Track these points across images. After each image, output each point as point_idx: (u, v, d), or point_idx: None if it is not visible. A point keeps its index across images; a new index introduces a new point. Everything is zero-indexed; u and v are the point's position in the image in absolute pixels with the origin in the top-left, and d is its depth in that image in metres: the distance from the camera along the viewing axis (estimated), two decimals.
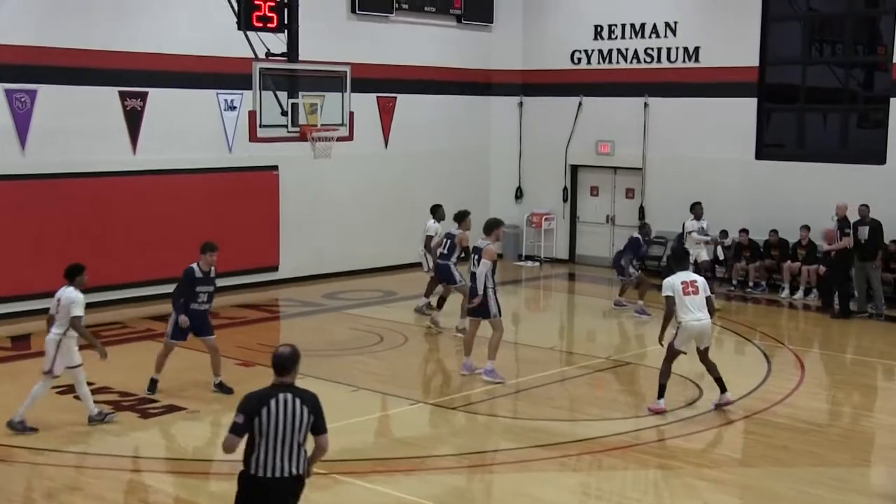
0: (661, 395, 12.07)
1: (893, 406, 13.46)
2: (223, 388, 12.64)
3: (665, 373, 12.05)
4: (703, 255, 18.60)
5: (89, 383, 11.63)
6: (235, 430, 6.82)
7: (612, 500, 9.90)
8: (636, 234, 18.54)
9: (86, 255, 16.97)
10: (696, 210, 18.73)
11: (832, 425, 12.22)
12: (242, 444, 6.90)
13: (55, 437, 11.06)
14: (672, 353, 12.06)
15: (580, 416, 12.49)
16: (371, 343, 15.66)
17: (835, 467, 10.61)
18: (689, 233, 18.64)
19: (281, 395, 6.87)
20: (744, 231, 20.40)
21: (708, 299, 12.02)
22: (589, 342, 16.96)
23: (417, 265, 18.35)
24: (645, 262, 19.18)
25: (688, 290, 11.87)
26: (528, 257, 23.89)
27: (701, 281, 12.16)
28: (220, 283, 18.93)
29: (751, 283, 20.31)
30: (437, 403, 12.68)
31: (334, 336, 16.03)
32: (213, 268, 12.85)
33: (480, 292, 13.21)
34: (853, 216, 17.84)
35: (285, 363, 7.00)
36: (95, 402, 11.67)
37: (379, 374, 13.89)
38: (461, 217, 16.42)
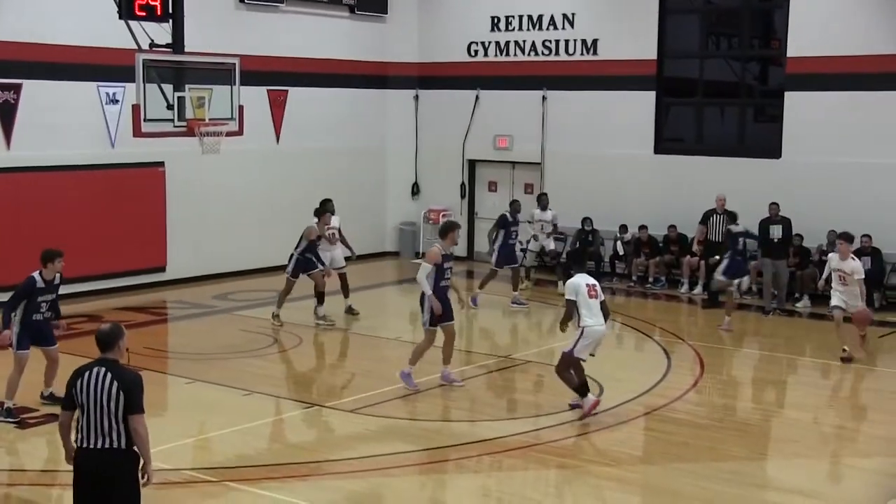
0: (585, 392, 12.08)
1: (791, 399, 13.85)
2: (54, 399, 12.07)
3: (570, 379, 12.10)
4: (551, 244, 20.31)
5: None
6: (62, 403, 7.47)
7: (513, 502, 10.02)
8: (505, 211, 19.09)
9: None
10: (542, 201, 20.40)
11: (730, 420, 12.53)
12: None
13: None
14: (569, 362, 12.03)
15: (479, 416, 12.60)
16: (264, 345, 15.58)
17: (734, 461, 10.90)
18: (531, 223, 20.22)
19: (95, 369, 7.27)
20: (643, 227, 20.81)
21: (603, 304, 12.14)
22: (485, 340, 17.12)
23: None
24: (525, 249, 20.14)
25: (592, 294, 11.96)
26: (423, 254, 23.88)
27: (598, 285, 12.27)
28: (106, 284, 18.93)
29: (650, 279, 20.74)
30: (332, 406, 12.67)
31: (226, 338, 15.90)
32: (58, 275, 12.27)
33: (429, 294, 13.05)
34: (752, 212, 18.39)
35: (104, 339, 7.38)
36: None
37: (272, 377, 13.85)
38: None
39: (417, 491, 10.21)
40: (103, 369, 7.23)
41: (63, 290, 17.61)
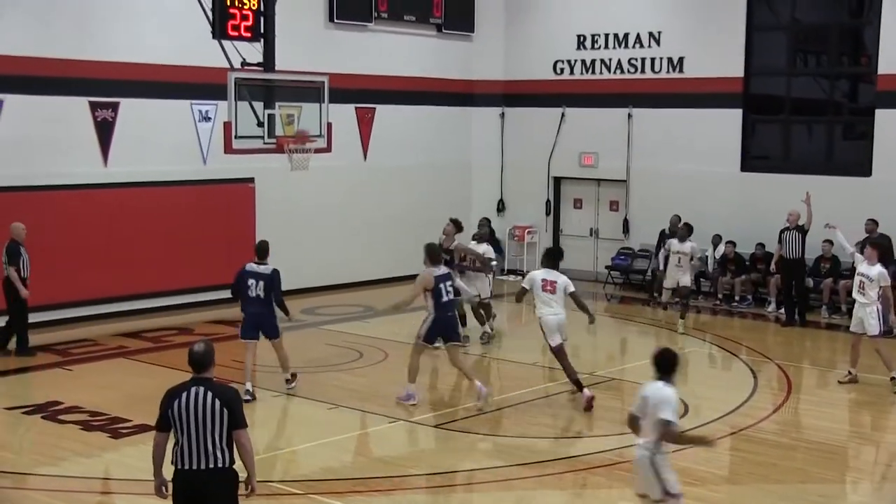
0: (580, 387, 13.17)
1: (883, 422, 13.47)
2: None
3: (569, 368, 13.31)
4: (686, 279, 18.12)
5: (58, 402, 11.51)
6: (157, 425, 7.38)
7: None
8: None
9: (55, 270, 17.06)
10: (681, 231, 18.42)
11: (819, 441, 12.24)
12: None
13: (21, 460, 10.91)
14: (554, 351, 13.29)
15: (563, 433, 12.49)
16: (350, 359, 15.62)
17: (821, 483, 10.64)
18: (668, 254, 18.38)
19: (193, 388, 7.23)
20: (730, 243, 20.48)
21: (573, 296, 13.15)
22: (572, 357, 16.90)
23: (396, 279, 18.30)
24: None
25: (546, 288, 13.01)
26: (511, 271, 23.87)
27: (562, 281, 13.06)
28: (197, 298, 19.13)
29: (736, 298, 20.38)
30: (417, 421, 12.65)
31: (312, 353, 15.96)
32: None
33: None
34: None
35: (199, 359, 7.34)
36: (66, 421, 11.55)
37: (358, 392, 13.85)
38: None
39: None
40: (202, 388, 7.19)
41: (156, 302, 18.08)
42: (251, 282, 13.33)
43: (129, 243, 18.10)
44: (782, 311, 19.34)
